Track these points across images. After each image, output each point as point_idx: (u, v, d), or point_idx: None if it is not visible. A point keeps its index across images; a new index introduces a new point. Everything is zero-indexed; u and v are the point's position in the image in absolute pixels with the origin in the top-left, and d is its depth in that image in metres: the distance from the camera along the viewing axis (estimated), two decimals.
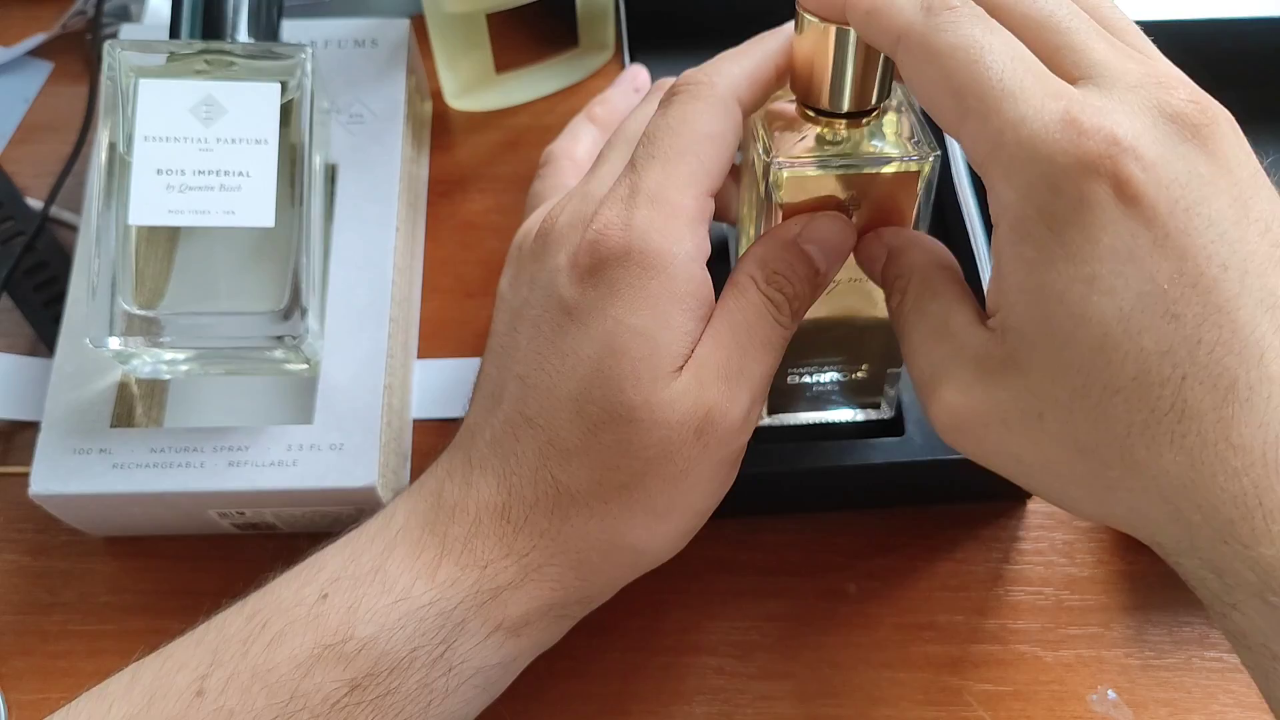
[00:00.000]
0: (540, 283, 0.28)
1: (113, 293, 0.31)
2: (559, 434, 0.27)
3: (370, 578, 0.26)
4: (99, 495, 0.32)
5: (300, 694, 0.25)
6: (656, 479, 0.26)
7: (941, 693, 0.34)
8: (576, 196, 0.29)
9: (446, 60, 0.42)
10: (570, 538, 0.27)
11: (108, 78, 0.32)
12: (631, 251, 0.26)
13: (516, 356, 0.28)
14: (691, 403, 0.26)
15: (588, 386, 0.26)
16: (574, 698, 0.34)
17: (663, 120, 0.28)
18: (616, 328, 0.26)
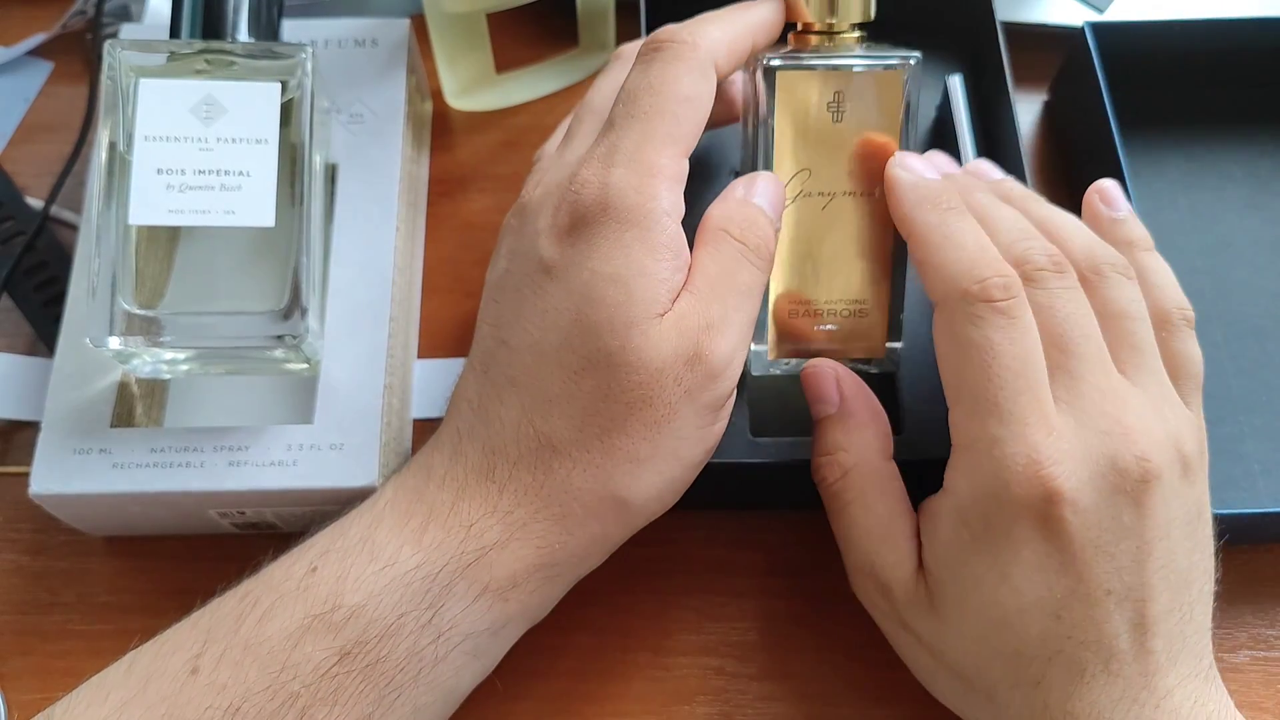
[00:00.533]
0: (519, 251, 0.29)
1: (113, 292, 0.31)
2: (540, 387, 0.27)
3: (358, 548, 0.27)
4: (99, 495, 0.32)
5: (291, 664, 0.25)
6: (638, 423, 0.27)
7: None
8: (552, 168, 0.30)
9: (446, 60, 0.42)
10: (554, 490, 0.27)
11: (108, 77, 0.31)
12: (609, 208, 0.27)
13: (500, 323, 0.28)
14: (672, 348, 0.27)
15: (566, 337, 0.27)
16: (574, 698, 0.34)
17: (643, 79, 0.28)
18: (593, 278, 0.27)
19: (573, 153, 0.30)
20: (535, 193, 0.29)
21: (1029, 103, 0.45)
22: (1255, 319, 0.39)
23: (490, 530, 0.27)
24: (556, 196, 0.28)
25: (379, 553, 0.27)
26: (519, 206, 0.30)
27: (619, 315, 0.26)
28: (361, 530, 0.27)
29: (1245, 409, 0.38)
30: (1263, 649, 0.35)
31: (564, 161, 0.29)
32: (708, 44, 0.29)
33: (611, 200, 0.27)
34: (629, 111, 0.28)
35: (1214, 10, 0.44)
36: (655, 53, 0.29)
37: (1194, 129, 0.43)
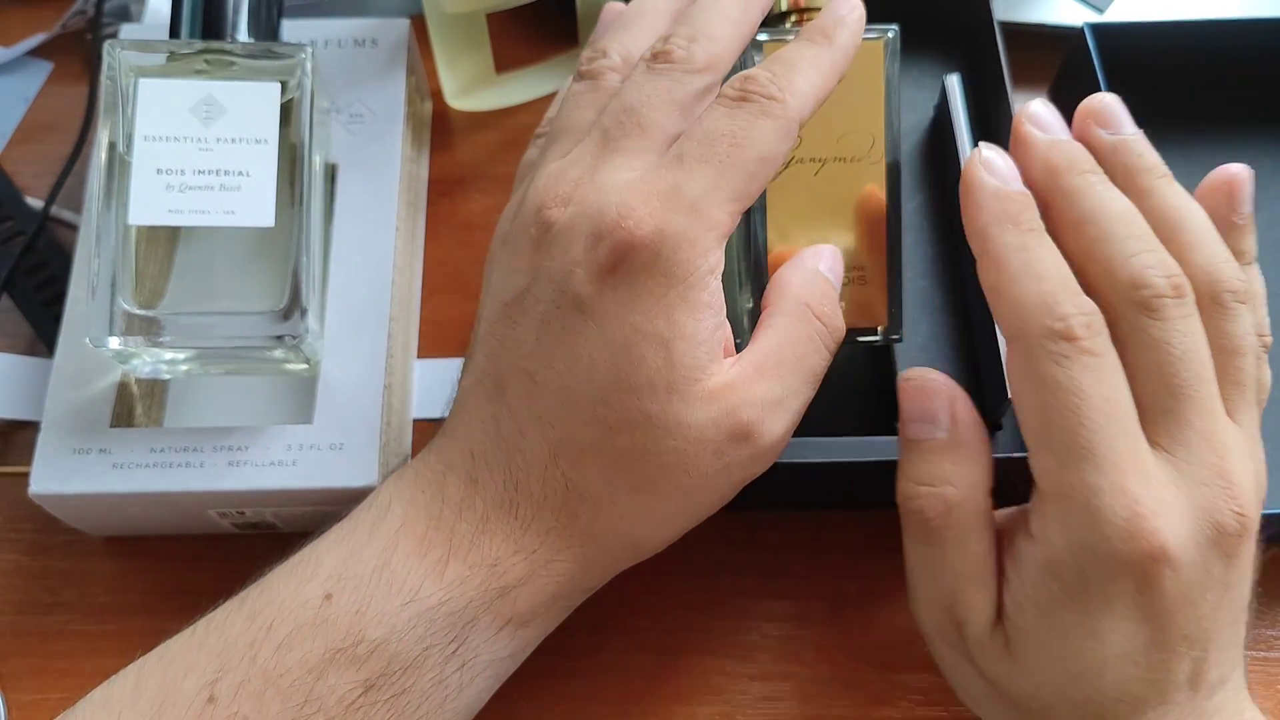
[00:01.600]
0: (548, 274, 0.27)
1: (113, 292, 0.31)
2: (571, 434, 0.26)
3: (375, 577, 0.26)
4: (99, 495, 0.32)
5: (315, 697, 0.25)
6: (670, 485, 0.26)
7: (942, 693, 0.34)
8: (588, 183, 0.27)
9: (446, 60, 0.42)
10: (577, 534, 0.27)
11: (107, 77, 0.31)
12: (659, 258, 0.25)
13: (521, 351, 0.27)
14: (713, 419, 0.26)
15: (604, 391, 0.26)
16: (574, 698, 0.34)
17: (727, 124, 0.27)
18: (634, 335, 0.26)
19: (614, 171, 0.27)
20: (570, 209, 0.27)
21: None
22: None
23: (514, 569, 0.27)
24: (597, 224, 0.26)
25: (399, 585, 0.26)
26: (548, 218, 0.27)
27: (659, 379, 0.26)
28: (376, 556, 0.26)
29: None
30: (1263, 649, 0.35)
31: (604, 182, 0.27)
32: (798, 104, 0.27)
33: (664, 250, 0.25)
34: (702, 154, 0.26)
35: (1214, 11, 0.44)
36: (744, 103, 0.27)
37: (1194, 129, 0.43)
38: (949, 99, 0.40)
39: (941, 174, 0.41)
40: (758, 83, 0.27)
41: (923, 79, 0.43)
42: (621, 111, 0.27)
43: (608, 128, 0.28)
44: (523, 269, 0.27)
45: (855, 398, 0.38)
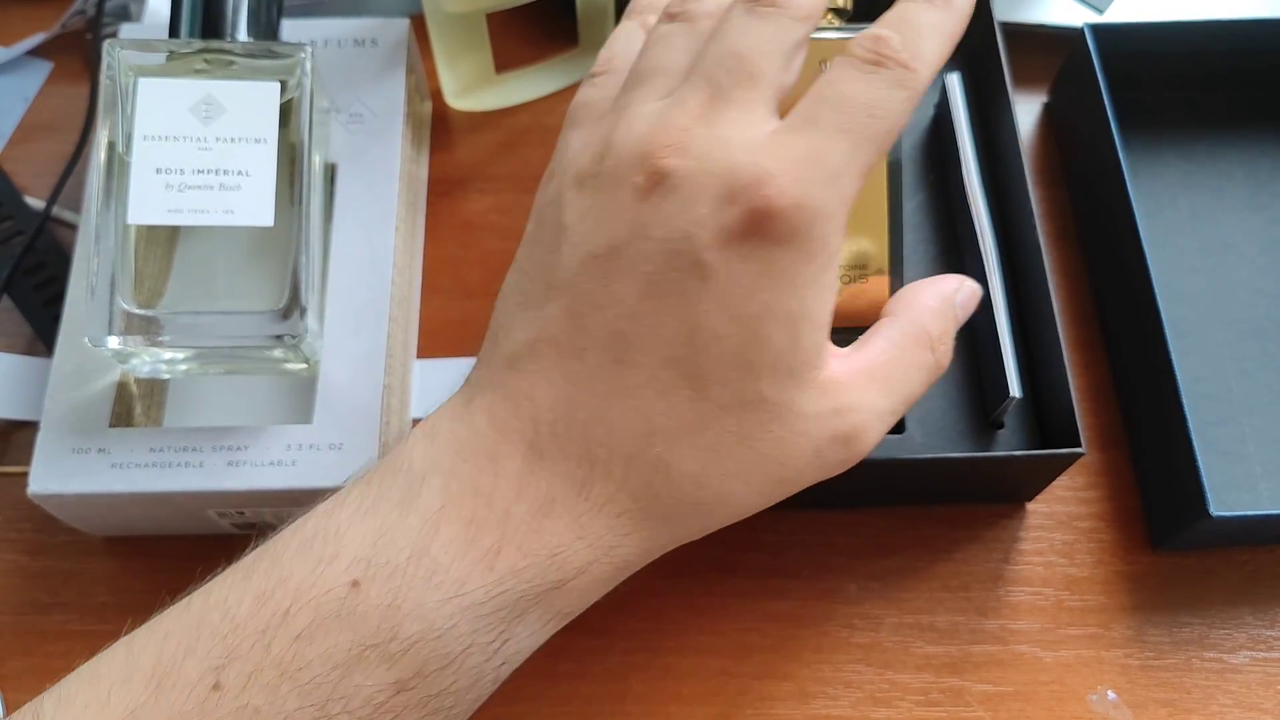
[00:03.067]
0: (658, 230, 0.24)
1: (112, 292, 0.31)
2: (674, 409, 0.24)
3: (411, 565, 0.23)
4: (98, 495, 0.32)
5: (339, 696, 0.22)
6: (762, 476, 0.25)
7: (941, 693, 0.34)
8: (706, 136, 0.25)
9: (446, 60, 0.42)
10: (652, 518, 0.25)
11: (107, 77, 0.31)
12: (797, 233, 0.24)
13: (617, 311, 0.24)
14: (820, 415, 0.25)
15: (720, 368, 0.24)
16: (574, 698, 0.34)
17: (866, 92, 0.25)
18: (764, 312, 0.24)
19: (731, 126, 0.25)
20: (689, 163, 0.24)
21: (1029, 104, 0.45)
22: (1255, 319, 0.39)
23: (575, 558, 0.24)
24: (729, 184, 0.24)
25: (440, 577, 0.23)
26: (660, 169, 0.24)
27: (781, 362, 0.24)
28: (412, 540, 0.23)
29: (1246, 410, 0.38)
30: (1263, 649, 0.35)
31: (723, 137, 0.24)
32: (926, 75, 0.25)
33: (803, 224, 0.24)
34: (839, 121, 0.24)
35: (1214, 11, 0.44)
36: (880, 67, 0.25)
37: (1194, 129, 0.43)
38: (949, 98, 0.40)
39: (942, 173, 0.41)
40: (891, 47, 0.25)
41: None
42: (729, 56, 0.25)
43: (713, 73, 0.25)
44: (622, 220, 0.25)
45: None
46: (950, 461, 0.34)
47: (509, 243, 0.41)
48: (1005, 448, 0.36)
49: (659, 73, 0.27)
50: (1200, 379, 0.38)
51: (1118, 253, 0.38)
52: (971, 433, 0.36)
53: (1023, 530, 0.37)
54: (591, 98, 0.29)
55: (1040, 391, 0.36)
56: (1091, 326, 0.40)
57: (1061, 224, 0.42)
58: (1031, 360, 0.37)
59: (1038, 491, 0.37)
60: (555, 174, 0.28)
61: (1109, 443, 0.38)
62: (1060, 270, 0.41)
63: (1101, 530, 0.37)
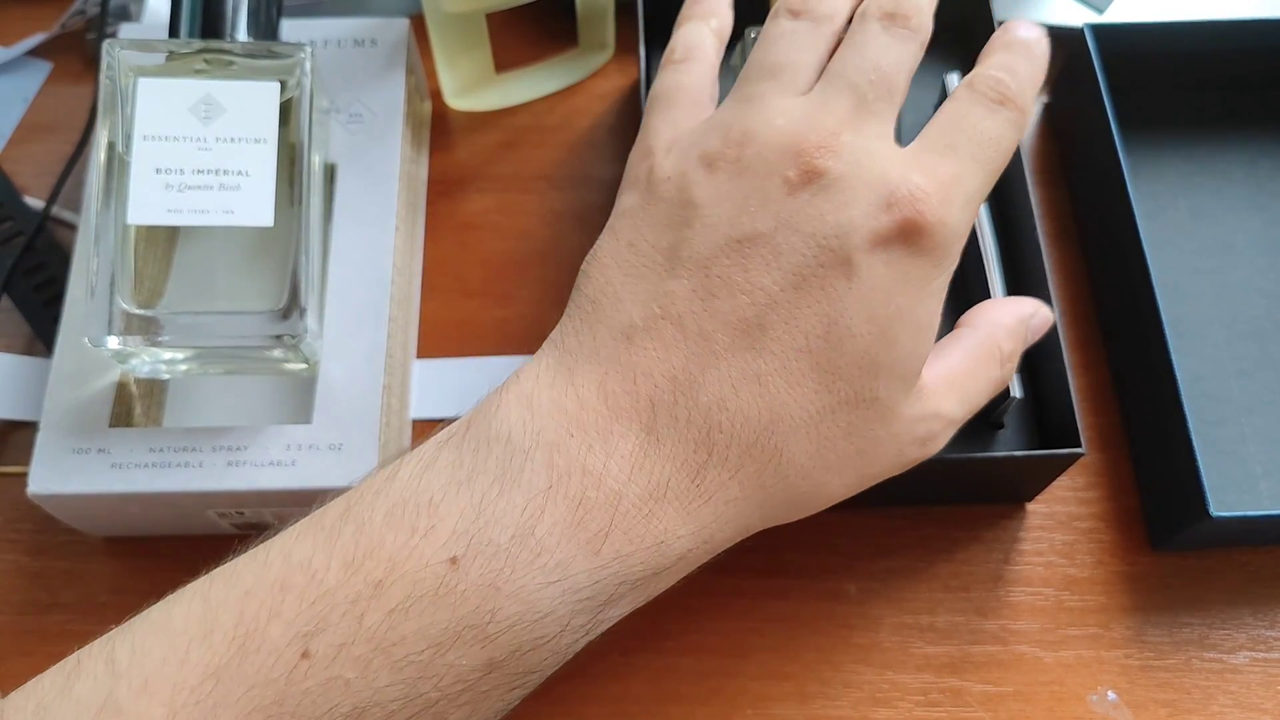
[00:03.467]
0: (807, 230, 0.24)
1: (111, 292, 0.31)
2: (799, 400, 0.24)
3: (515, 545, 0.22)
4: (98, 495, 0.32)
5: (430, 674, 0.22)
6: (855, 472, 0.26)
7: (941, 693, 0.34)
8: (856, 144, 0.26)
9: (446, 60, 0.42)
10: (753, 506, 0.25)
11: (107, 77, 0.31)
12: (937, 247, 0.25)
13: (754, 298, 0.24)
14: (914, 419, 0.26)
15: (849, 364, 0.24)
16: (574, 698, 0.34)
17: (994, 129, 0.27)
18: (898, 315, 0.25)
19: (879, 140, 0.26)
20: (841, 166, 0.25)
21: None
22: (1255, 319, 0.39)
23: (679, 543, 0.24)
24: (886, 193, 0.25)
25: (544, 560, 0.22)
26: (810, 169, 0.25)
27: (899, 365, 0.25)
28: (515, 518, 0.22)
29: (1246, 410, 0.38)
30: (1262, 649, 0.35)
31: (872, 149, 0.26)
32: (1029, 119, 0.28)
33: (942, 240, 0.25)
34: (976, 154, 0.26)
35: (1214, 11, 0.44)
36: (1002, 106, 0.27)
37: (1194, 130, 0.43)
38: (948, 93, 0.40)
39: None
40: (1010, 89, 0.27)
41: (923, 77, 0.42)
42: (872, 69, 0.27)
43: (857, 83, 0.27)
44: (769, 210, 0.25)
45: None
46: (951, 462, 0.34)
47: (509, 243, 0.42)
48: (1005, 448, 0.36)
49: (789, 69, 0.28)
50: (1200, 379, 0.38)
51: (1118, 253, 0.38)
52: (972, 433, 0.36)
53: (1023, 530, 0.37)
54: (684, 82, 0.30)
55: (1040, 392, 0.36)
56: (1091, 326, 0.40)
57: (1061, 224, 0.42)
58: (1031, 360, 0.37)
59: (1038, 491, 0.37)
60: (659, 151, 0.28)
61: (1109, 443, 0.38)
62: (1060, 270, 0.41)
63: (1101, 530, 0.37)
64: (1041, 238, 0.36)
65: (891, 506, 0.37)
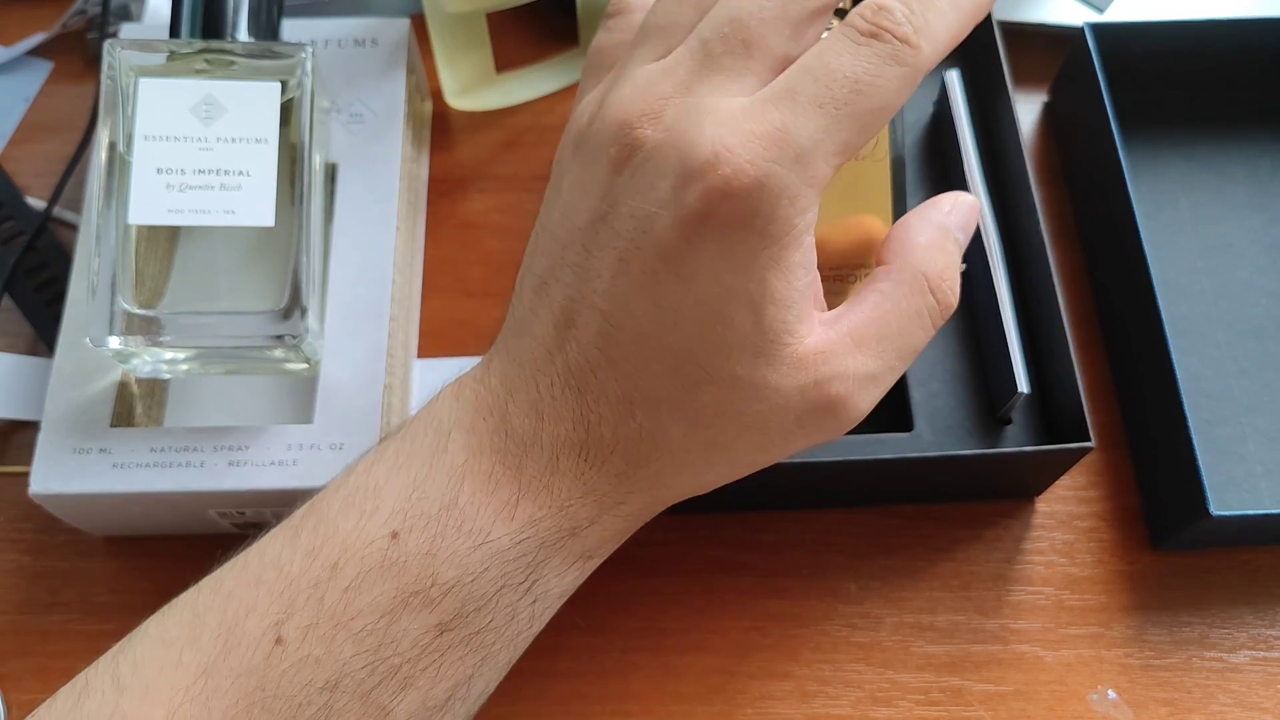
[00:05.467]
0: (628, 208, 0.24)
1: (113, 292, 0.31)
2: (649, 386, 0.25)
3: (443, 515, 0.25)
4: (99, 495, 0.32)
5: (389, 640, 0.24)
6: (747, 444, 0.25)
7: (942, 693, 0.34)
8: (682, 104, 0.24)
9: (446, 60, 0.42)
10: (646, 479, 0.26)
11: (107, 77, 0.31)
12: (756, 215, 0.23)
13: (595, 286, 0.25)
14: (799, 388, 0.25)
15: (688, 347, 0.24)
16: (574, 698, 0.34)
17: (853, 66, 0.23)
18: (725, 295, 0.24)
19: (710, 88, 0.24)
20: (660, 132, 0.24)
21: (1029, 103, 0.45)
22: (1256, 319, 0.39)
23: (584, 509, 0.25)
24: (687, 162, 0.23)
25: (468, 526, 0.24)
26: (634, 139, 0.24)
27: (747, 343, 0.24)
28: (441, 493, 0.25)
29: (1246, 410, 0.38)
30: (1263, 649, 0.35)
31: (698, 105, 0.24)
32: (930, 53, 0.24)
33: (762, 206, 0.23)
34: (818, 95, 0.23)
35: (1214, 10, 0.44)
36: (874, 39, 0.24)
37: (1194, 129, 0.43)
38: (949, 94, 0.40)
39: (942, 170, 0.41)
40: (893, 19, 0.24)
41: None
42: (726, 22, 0.24)
43: (708, 38, 0.24)
44: (599, 191, 0.25)
45: None
46: (959, 459, 0.34)
47: (509, 242, 0.42)
48: (1013, 444, 0.36)
49: (665, 30, 0.26)
50: (1200, 379, 0.38)
51: (1118, 252, 0.38)
52: (979, 429, 0.36)
53: (1023, 529, 0.37)
54: (604, 44, 0.29)
55: (1047, 387, 0.36)
56: (1092, 326, 0.40)
57: (1062, 224, 0.42)
58: (1037, 356, 0.37)
59: (1046, 487, 0.37)
60: (567, 128, 0.28)
61: (1110, 442, 0.38)
62: (1060, 270, 0.41)
63: (1102, 530, 0.37)
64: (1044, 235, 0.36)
65: (898, 505, 0.37)
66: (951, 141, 0.39)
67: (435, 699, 0.25)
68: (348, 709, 0.24)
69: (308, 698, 0.23)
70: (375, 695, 0.24)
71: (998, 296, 0.35)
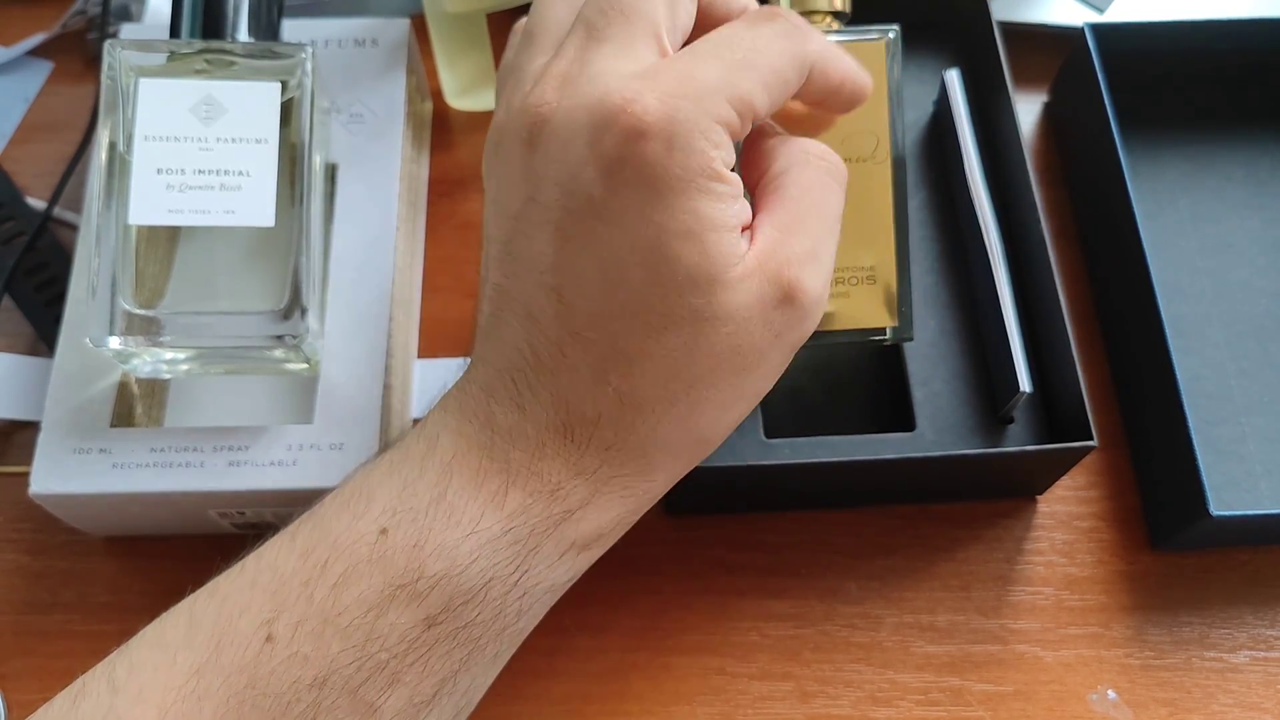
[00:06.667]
0: (551, 179, 0.25)
1: (113, 292, 0.31)
2: (615, 345, 0.25)
3: (432, 509, 0.25)
4: (99, 495, 0.32)
5: (376, 635, 0.24)
6: (726, 372, 0.26)
7: (941, 693, 0.34)
8: (580, 75, 0.25)
9: (446, 60, 0.42)
10: (638, 444, 0.26)
11: (108, 77, 0.31)
12: (673, 148, 0.24)
13: (541, 267, 0.25)
14: (758, 294, 0.25)
15: (643, 295, 0.25)
16: (574, 698, 0.34)
17: (748, 33, 0.26)
18: (660, 234, 0.24)
19: (603, 60, 0.25)
20: (564, 103, 0.25)
21: (1029, 103, 0.45)
22: (1256, 319, 0.39)
23: (576, 491, 0.26)
24: (598, 113, 0.24)
25: (458, 517, 0.25)
26: (540, 116, 0.25)
27: (698, 273, 0.24)
28: (430, 489, 0.25)
29: (1246, 410, 0.38)
30: (1263, 649, 0.35)
31: (596, 73, 0.25)
32: (817, 49, 0.27)
33: (677, 138, 0.24)
34: (715, 51, 0.25)
35: (1214, 11, 0.44)
36: (769, 20, 0.26)
37: (1194, 129, 0.43)
38: (949, 94, 0.40)
39: (942, 169, 0.41)
40: (786, 12, 0.27)
41: (921, 74, 0.43)
42: (604, 2, 0.26)
43: (590, 19, 0.26)
44: (520, 177, 0.26)
45: (864, 397, 0.38)
46: (962, 459, 0.34)
47: None
48: (1016, 443, 0.36)
49: (544, 30, 0.28)
50: (1200, 379, 0.38)
51: (1118, 252, 0.38)
52: (981, 429, 0.36)
53: (1023, 529, 0.37)
54: (506, 61, 0.30)
55: (1048, 387, 0.36)
56: (1092, 326, 0.40)
57: (1061, 224, 0.42)
58: (1038, 356, 0.37)
59: (1048, 486, 0.37)
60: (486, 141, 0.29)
61: (1109, 442, 0.38)
62: (1060, 270, 0.41)
63: (1102, 530, 0.37)
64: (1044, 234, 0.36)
65: (893, 505, 0.37)
66: (951, 141, 0.39)
67: (423, 695, 0.25)
68: (336, 705, 0.24)
69: (296, 695, 0.24)
70: (363, 691, 0.24)
71: (999, 296, 0.35)
